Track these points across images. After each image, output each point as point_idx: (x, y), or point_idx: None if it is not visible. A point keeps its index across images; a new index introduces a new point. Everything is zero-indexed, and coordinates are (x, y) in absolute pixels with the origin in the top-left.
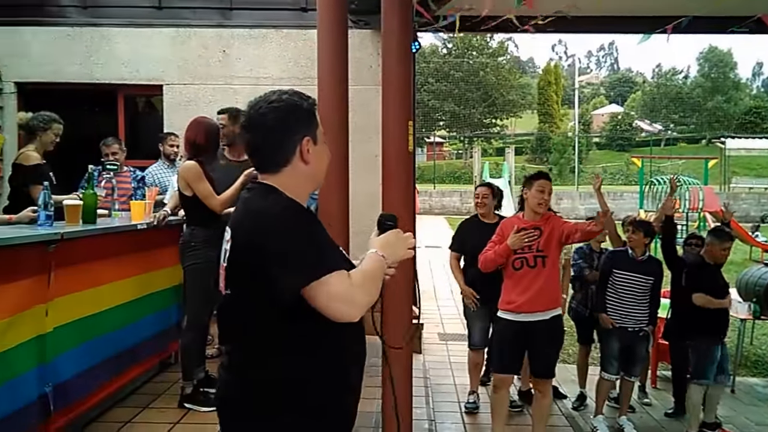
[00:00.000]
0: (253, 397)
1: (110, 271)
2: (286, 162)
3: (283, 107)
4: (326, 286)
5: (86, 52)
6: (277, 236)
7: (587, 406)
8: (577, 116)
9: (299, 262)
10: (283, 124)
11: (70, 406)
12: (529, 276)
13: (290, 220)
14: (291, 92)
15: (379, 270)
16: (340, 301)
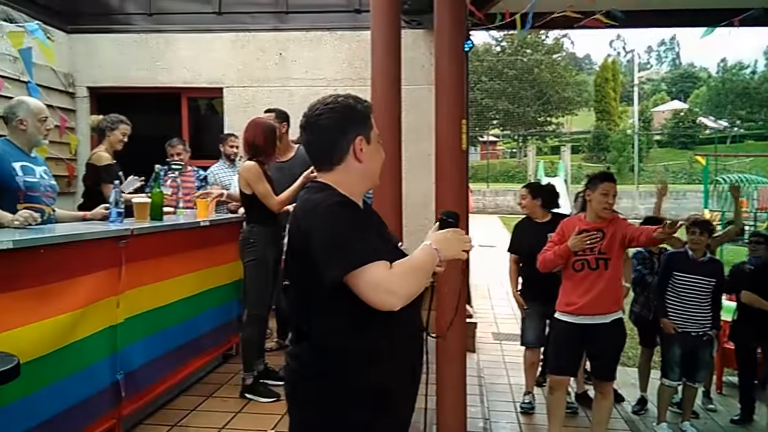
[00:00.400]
0: (316, 383)
1: (175, 265)
2: (340, 160)
3: (338, 108)
4: (366, 274)
5: (152, 58)
6: (322, 226)
7: (648, 410)
8: (636, 113)
9: (340, 251)
10: (338, 124)
11: (139, 393)
12: (590, 278)
13: (336, 212)
14: (347, 95)
15: (428, 263)
16: (379, 289)
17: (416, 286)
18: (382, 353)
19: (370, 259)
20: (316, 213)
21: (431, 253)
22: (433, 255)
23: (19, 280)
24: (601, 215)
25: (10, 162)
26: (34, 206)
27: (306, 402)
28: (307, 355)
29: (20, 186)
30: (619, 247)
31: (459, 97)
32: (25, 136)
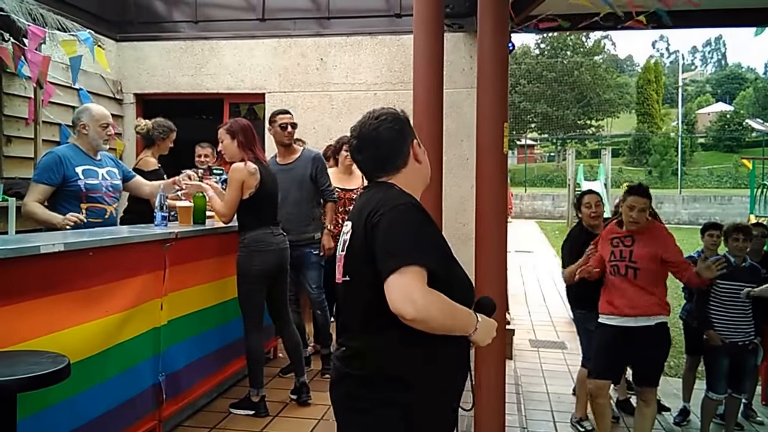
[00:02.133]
0: (367, 388)
1: (215, 269)
2: (405, 164)
3: (392, 119)
4: (402, 277)
5: (197, 64)
6: (390, 225)
7: (690, 421)
8: (680, 115)
9: (396, 249)
10: (398, 132)
11: (180, 395)
12: (624, 283)
13: (406, 213)
14: (384, 108)
15: (463, 321)
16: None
17: (440, 318)
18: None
19: (417, 261)
20: (386, 211)
21: (471, 322)
22: (471, 324)
23: (68, 282)
24: (628, 227)
25: (73, 167)
26: (97, 206)
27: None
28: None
29: (81, 188)
30: (650, 260)
31: (502, 100)
32: (86, 140)
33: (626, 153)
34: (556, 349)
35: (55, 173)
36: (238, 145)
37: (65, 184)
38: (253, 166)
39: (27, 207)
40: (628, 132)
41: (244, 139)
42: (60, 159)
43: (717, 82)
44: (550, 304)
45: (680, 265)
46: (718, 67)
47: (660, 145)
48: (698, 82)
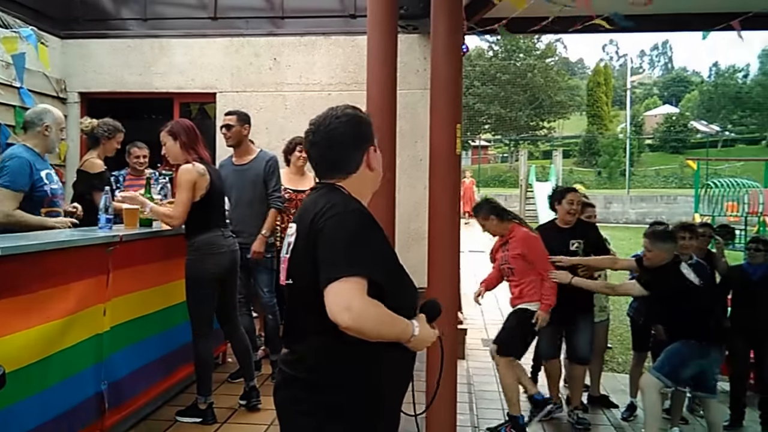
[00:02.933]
0: (305, 391)
1: (162, 273)
2: (356, 169)
3: (351, 121)
4: (340, 284)
5: (146, 63)
6: (334, 232)
7: (637, 416)
8: (628, 117)
9: (339, 258)
10: (353, 136)
11: (123, 403)
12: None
13: (351, 220)
14: (348, 107)
15: (400, 329)
16: (340, 304)
17: (375, 328)
18: (381, 354)
19: (358, 272)
20: (330, 216)
21: (407, 332)
22: (407, 333)
23: (7, 288)
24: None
25: (38, 171)
26: (54, 210)
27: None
28: (308, 360)
29: (48, 193)
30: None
31: (455, 101)
32: (46, 142)
33: (577, 154)
34: None
35: (27, 179)
36: (181, 147)
37: (33, 190)
38: (201, 167)
39: (13, 217)
40: (579, 133)
41: (186, 139)
42: (29, 163)
43: (664, 85)
44: (502, 304)
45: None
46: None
47: (609, 147)
48: (646, 85)
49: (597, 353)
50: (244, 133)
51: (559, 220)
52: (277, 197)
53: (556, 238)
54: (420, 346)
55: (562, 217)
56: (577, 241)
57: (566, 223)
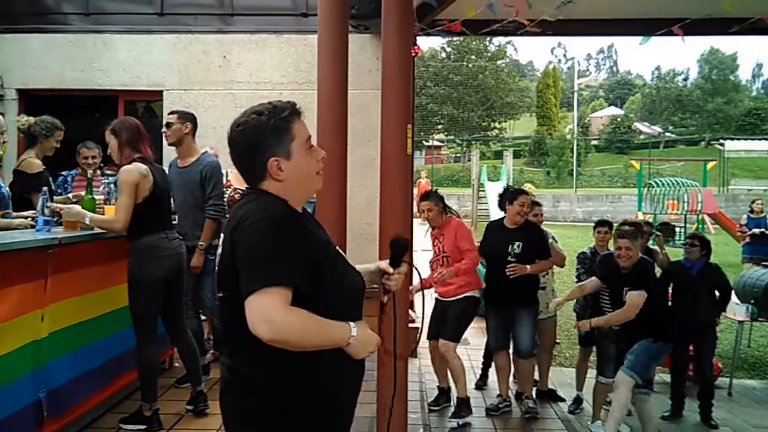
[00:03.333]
0: (246, 397)
1: (103, 277)
2: (262, 178)
3: (248, 129)
4: (258, 297)
5: (88, 59)
6: (247, 240)
7: (583, 409)
8: (575, 119)
9: (255, 269)
10: (250, 147)
11: (64, 412)
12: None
13: (266, 227)
14: (260, 110)
15: (334, 337)
16: (259, 317)
17: (302, 338)
18: (315, 363)
19: (274, 282)
20: (245, 225)
21: (343, 336)
22: (343, 338)
23: None
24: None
25: None
26: (7, 212)
27: (248, 417)
28: (244, 368)
29: (5, 196)
30: (453, 248)
31: (405, 101)
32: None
33: (527, 154)
34: (459, 345)
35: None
36: (120, 145)
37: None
38: (143, 168)
39: None
40: (529, 134)
41: (128, 138)
42: None
43: (609, 87)
44: None
45: (466, 253)
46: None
47: (557, 147)
48: (592, 87)
49: (546, 349)
50: (185, 131)
51: (508, 220)
52: (213, 205)
53: (500, 236)
54: (361, 351)
55: (512, 217)
56: (517, 242)
57: (514, 223)
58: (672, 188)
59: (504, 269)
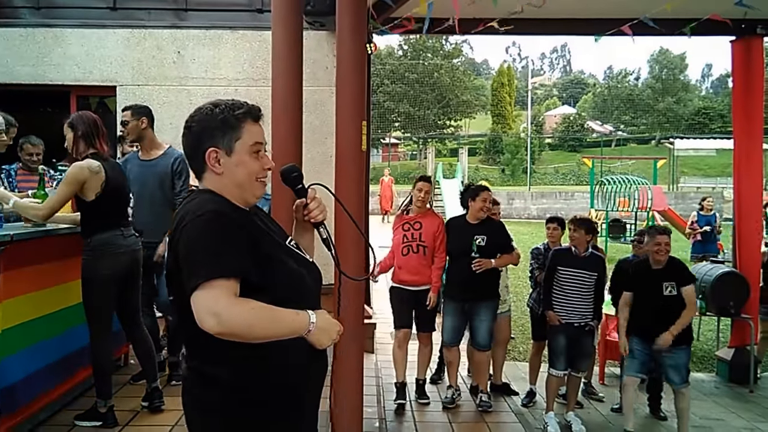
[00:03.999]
0: (206, 390)
1: (59, 273)
2: (202, 170)
3: (198, 118)
4: (203, 291)
5: (39, 53)
6: (187, 239)
7: (536, 402)
8: (529, 117)
9: (196, 265)
10: (194, 136)
11: (18, 409)
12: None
13: (200, 225)
14: (218, 103)
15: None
16: (204, 311)
17: (251, 328)
18: (273, 357)
19: (216, 275)
20: (184, 225)
21: (301, 324)
22: (301, 326)
23: None
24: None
25: None
26: None
27: (208, 410)
28: (208, 367)
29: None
30: (433, 239)
31: (360, 98)
32: None
33: (482, 152)
34: (415, 340)
35: None
36: (74, 140)
37: None
38: (95, 165)
39: None
40: (484, 132)
41: (85, 132)
42: None
43: (562, 86)
44: None
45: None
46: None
47: (512, 145)
48: (546, 86)
49: (501, 343)
50: (142, 126)
51: (470, 216)
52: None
53: (463, 232)
54: (323, 339)
55: (474, 213)
56: (481, 236)
57: (476, 219)
58: (623, 186)
59: (468, 264)
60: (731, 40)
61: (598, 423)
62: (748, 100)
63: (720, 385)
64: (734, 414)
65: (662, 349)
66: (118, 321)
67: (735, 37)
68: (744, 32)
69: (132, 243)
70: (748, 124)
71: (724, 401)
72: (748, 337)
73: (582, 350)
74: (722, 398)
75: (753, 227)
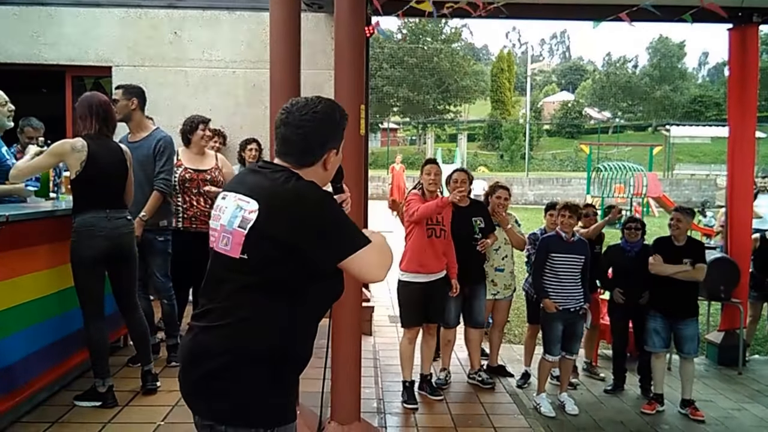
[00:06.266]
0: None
1: (56, 254)
2: (312, 164)
3: (324, 119)
4: (366, 254)
5: (33, 33)
6: (322, 214)
7: (531, 384)
8: (528, 103)
9: (349, 235)
10: (319, 134)
11: (16, 389)
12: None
13: (330, 203)
14: (332, 104)
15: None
16: (377, 267)
17: (391, 260)
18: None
19: (368, 242)
20: (312, 200)
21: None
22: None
23: None
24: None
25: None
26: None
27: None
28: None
29: (10, 167)
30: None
31: (359, 82)
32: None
33: (481, 138)
34: None
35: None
36: (78, 119)
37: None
38: (80, 143)
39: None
40: (483, 118)
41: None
42: None
43: (561, 72)
44: None
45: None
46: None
47: (510, 131)
48: (545, 72)
49: (498, 326)
50: (132, 107)
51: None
52: (163, 179)
53: (461, 215)
54: None
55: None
56: (478, 218)
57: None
58: (619, 172)
59: (471, 247)
60: (728, 28)
61: (591, 403)
62: (743, 89)
63: (710, 368)
64: (722, 395)
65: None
66: (116, 303)
67: (732, 25)
68: (741, 20)
69: (120, 225)
70: (743, 112)
71: (714, 383)
72: (738, 320)
73: (576, 334)
74: (712, 380)
75: (744, 214)
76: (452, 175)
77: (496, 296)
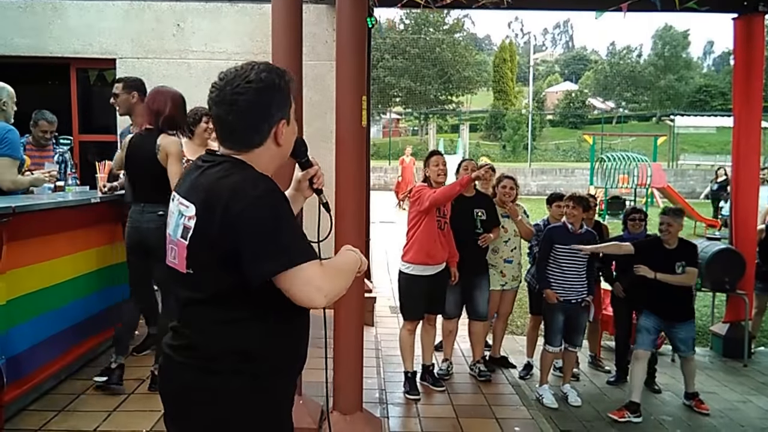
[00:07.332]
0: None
1: (62, 244)
2: (260, 143)
3: (262, 88)
4: (302, 273)
5: (38, 25)
6: (257, 216)
7: (533, 375)
8: (531, 93)
9: (279, 247)
10: (260, 107)
11: (24, 378)
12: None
13: (270, 203)
14: (267, 68)
15: (353, 267)
16: (311, 286)
17: (342, 287)
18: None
19: (308, 257)
20: (247, 200)
21: (357, 263)
22: (357, 260)
23: None
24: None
25: None
26: None
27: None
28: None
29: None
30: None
31: (360, 73)
32: (3, 116)
33: (483, 128)
34: None
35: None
36: None
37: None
38: (126, 140)
39: (18, 182)
40: (486, 108)
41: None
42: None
43: (564, 62)
44: None
45: None
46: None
47: (513, 121)
48: (548, 62)
49: (502, 317)
50: (132, 101)
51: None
52: None
53: (461, 206)
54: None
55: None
56: (480, 210)
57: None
58: (623, 163)
59: (472, 239)
60: (733, 17)
61: (594, 395)
62: (749, 78)
63: (714, 360)
64: (727, 387)
65: None
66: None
67: (737, 14)
68: (746, 9)
69: (149, 219)
70: (748, 102)
71: (718, 375)
72: (743, 312)
73: (579, 326)
74: (716, 372)
75: (750, 205)
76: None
77: (504, 287)
